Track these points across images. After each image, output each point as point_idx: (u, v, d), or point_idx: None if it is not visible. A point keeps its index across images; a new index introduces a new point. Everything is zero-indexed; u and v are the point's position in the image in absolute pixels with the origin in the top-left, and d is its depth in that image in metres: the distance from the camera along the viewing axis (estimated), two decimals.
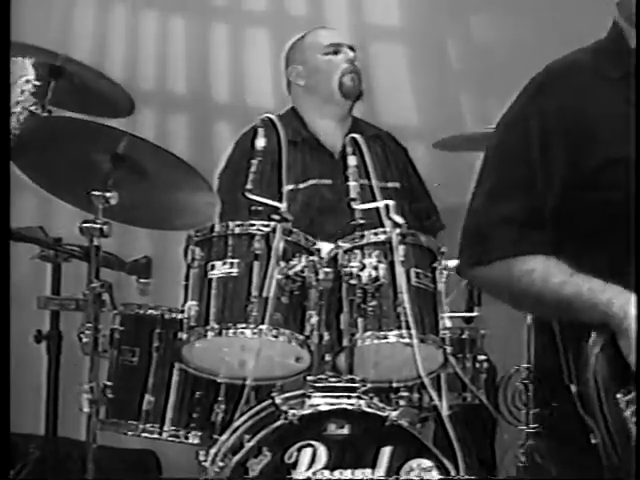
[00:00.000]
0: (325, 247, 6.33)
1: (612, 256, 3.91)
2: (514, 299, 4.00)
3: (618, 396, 3.71)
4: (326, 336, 6.25)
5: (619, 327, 3.75)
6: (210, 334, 6.27)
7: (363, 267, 6.24)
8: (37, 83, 4.62)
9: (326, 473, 5.92)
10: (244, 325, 6.23)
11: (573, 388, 3.81)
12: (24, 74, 4.49)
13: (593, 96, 3.82)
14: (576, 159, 3.78)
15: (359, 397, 6.11)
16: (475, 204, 3.99)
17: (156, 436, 6.57)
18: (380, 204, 6.44)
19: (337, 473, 5.94)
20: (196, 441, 6.48)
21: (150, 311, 6.65)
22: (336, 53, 7.22)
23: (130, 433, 6.62)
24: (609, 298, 3.78)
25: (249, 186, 6.66)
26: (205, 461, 6.20)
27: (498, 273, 3.90)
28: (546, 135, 3.82)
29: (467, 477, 4.97)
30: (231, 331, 6.24)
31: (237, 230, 6.30)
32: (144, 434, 6.58)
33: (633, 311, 3.73)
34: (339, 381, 6.17)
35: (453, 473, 6.02)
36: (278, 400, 6.14)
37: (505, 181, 3.93)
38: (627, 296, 3.78)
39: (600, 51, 3.92)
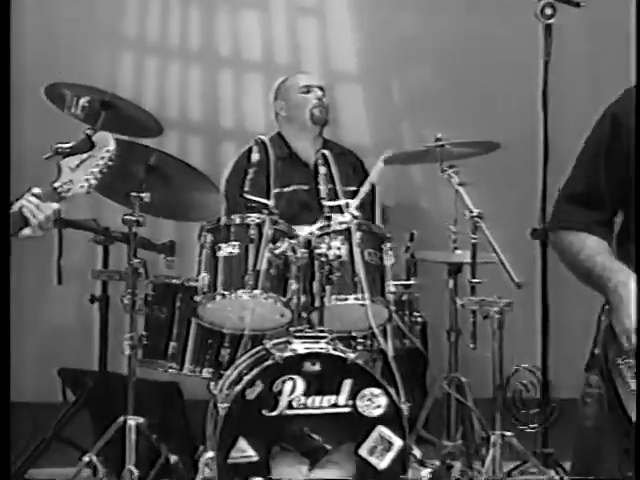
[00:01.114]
0: (302, 233, 6.34)
1: None
2: (565, 263, 3.84)
3: (618, 361, 3.58)
4: (303, 299, 6.29)
5: (614, 306, 3.60)
6: (218, 297, 6.32)
7: (329, 248, 6.27)
8: (115, 153, 4.59)
9: (303, 399, 5.95)
10: (243, 290, 6.27)
11: (596, 350, 3.69)
12: (106, 145, 4.44)
13: None
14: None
15: (327, 343, 6.14)
16: (564, 184, 3.87)
17: (178, 372, 6.63)
18: (342, 202, 6.46)
19: (311, 399, 5.97)
20: (208, 375, 6.50)
21: (174, 280, 6.70)
22: (308, 92, 7.23)
23: (160, 369, 6.65)
24: (611, 275, 3.62)
25: (246, 189, 6.80)
26: (214, 390, 6.25)
27: (561, 240, 3.81)
28: (615, 130, 3.68)
29: None
30: (233, 295, 6.29)
31: (237, 221, 6.34)
32: (170, 370, 6.63)
33: (622, 291, 3.57)
34: (312, 331, 6.21)
35: (395, 398, 6.05)
36: (268, 345, 6.18)
37: (578, 166, 3.81)
38: (628, 277, 3.59)
39: None
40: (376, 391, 6.02)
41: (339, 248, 6.29)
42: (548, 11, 6.64)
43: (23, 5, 4.42)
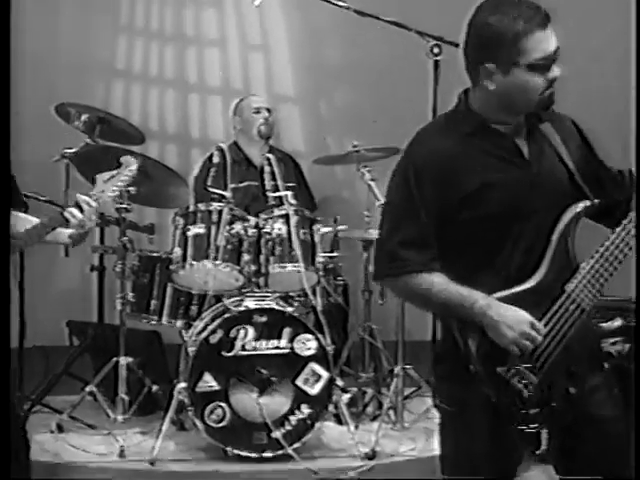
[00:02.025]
0: (252, 218, 6.39)
1: (485, 255, 3.46)
2: (415, 302, 3.61)
3: (499, 370, 3.37)
4: (252, 267, 6.32)
5: (483, 323, 3.33)
6: (188, 266, 6.34)
7: (273, 229, 6.36)
8: (136, 174, 4.63)
9: (253, 343, 6.04)
10: (207, 261, 6.31)
11: (472, 368, 3.37)
12: (130, 166, 4.46)
13: (453, 146, 3.43)
14: (445, 191, 3.39)
15: (271, 300, 6.23)
16: (382, 233, 3.57)
17: (158, 323, 6.71)
18: (283, 194, 6.51)
19: (259, 343, 6.06)
20: (181, 326, 6.57)
21: (154, 253, 6.76)
22: (258, 112, 7.26)
23: (144, 321, 6.71)
24: (473, 301, 3.33)
25: (209, 184, 6.88)
26: (186, 336, 6.36)
27: (406, 284, 3.47)
28: (418, 179, 3.41)
29: None
30: (199, 264, 6.33)
31: (203, 208, 6.36)
32: (152, 322, 6.70)
33: (491, 312, 3.31)
34: (260, 292, 6.30)
35: (323, 342, 6.15)
36: (226, 302, 6.33)
37: (399, 215, 3.50)
38: (487, 299, 3.34)
39: (451, 116, 3.57)
40: (308, 336, 6.13)
41: (280, 229, 6.38)
42: (435, 50, 6.71)
43: (23, 33, 4.35)
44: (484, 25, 3.36)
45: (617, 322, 3.58)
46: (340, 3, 6.78)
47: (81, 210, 4.19)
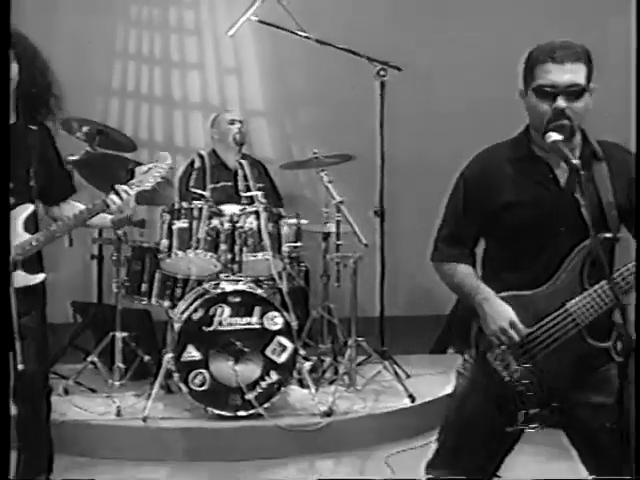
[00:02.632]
0: (228, 213, 6.36)
1: (512, 259, 3.50)
2: (446, 283, 3.62)
3: (488, 355, 3.43)
4: (228, 256, 6.28)
5: (481, 316, 3.43)
6: (173, 255, 6.30)
7: (245, 223, 6.34)
8: (172, 167, 4.58)
9: (229, 319, 6.03)
10: (189, 250, 6.27)
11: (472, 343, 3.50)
12: (166, 161, 4.41)
13: (501, 166, 3.46)
14: (485, 203, 3.47)
15: (244, 284, 6.21)
16: (438, 228, 3.64)
17: (148, 303, 6.70)
18: (254, 194, 6.50)
19: (234, 319, 6.05)
20: (167, 305, 6.56)
21: (145, 244, 6.74)
22: (233, 124, 7.22)
23: (136, 302, 6.71)
24: (477, 293, 3.44)
25: (191, 184, 6.85)
26: (172, 314, 6.38)
27: (441, 269, 3.61)
28: (466, 190, 3.52)
29: None
30: (183, 254, 6.29)
31: (185, 206, 6.32)
32: (143, 302, 6.69)
33: (485, 305, 3.41)
34: (234, 277, 6.25)
35: (288, 318, 6.15)
36: (205, 285, 6.30)
37: (447, 215, 3.62)
38: (488, 294, 3.44)
39: (511, 142, 3.54)
40: (275, 314, 6.12)
41: (251, 223, 6.36)
42: (382, 73, 6.72)
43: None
44: (528, 54, 3.42)
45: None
46: (302, 34, 6.80)
47: (120, 198, 4.15)
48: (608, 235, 3.34)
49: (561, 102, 3.28)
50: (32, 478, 4.51)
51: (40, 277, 4.01)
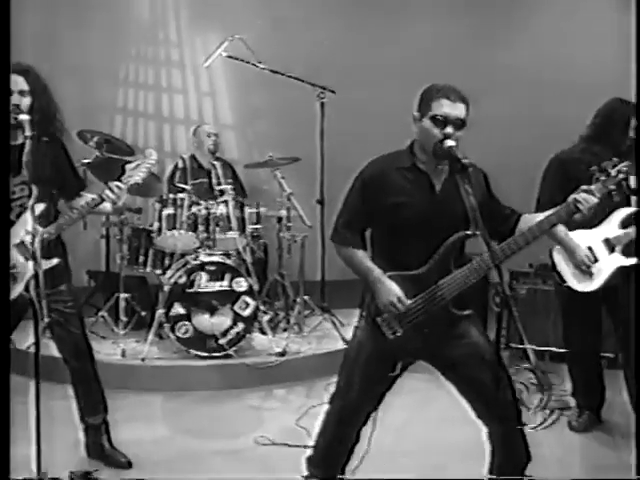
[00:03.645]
0: (203, 202, 6.33)
1: (397, 247, 3.49)
2: (346, 264, 3.56)
3: (377, 319, 3.43)
4: (205, 235, 6.24)
5: (374, 292, 3.42)
6: (163, 235, 6.27)
7: (217, 210, 6.29)
8: (157, 163, 4.42)
9: (206, 283, 6.04)
10: (175, 230, 6.23)
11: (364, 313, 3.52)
12: (152, 157, 4.29)
13: (390, 173, 3.45)
14: (377, 201, 3.43)
15: (217, 256, 6.19)
16: (338, 213, 3.58)
17: (144, 271, 6.66)
18: (224, 187, 6.47)
19: (210, 283, 6.06)
20: (159, 272, 6.51)
21: (141, 226, 6.63)
22: (209, 136, 7.19)
23: (135, 270, 6.64)
24: (371, 273, 3.43)
25: (176, 181, 6.81)
26: (163, 279, 6.31)
27: (340, 249, 3.55)
28: (362, 189, 3.48)
29: None
30: (170, 233, 6.23)
31: (172, 197, 6.28)
32: (140, 270, 6.62)
33: (377, 283, 3.42)
34: (210, 251, 6.24)
35: (251, 282, 6.15)
36: (188, 258, 6.25)
37: (346, 206, 3.55)
38: (379, 274, 3.43)
39: (398, 154, 3.52)
40: (241, 279, 6.12)
41: (222, 209, 6.33)
42: (321, 95, 6.70)
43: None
44: (424, 90, 3.47)
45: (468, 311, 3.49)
46: (260, 65, 6.80)
47: (113, 192, 4.08)
48: (469, 232, 3.40)
49: (449, 129, 3.34)
50: (91, 417, 4.49)
51: (54, 262, 3.93)
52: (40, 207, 3.88)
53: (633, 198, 4.58)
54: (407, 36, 8.88)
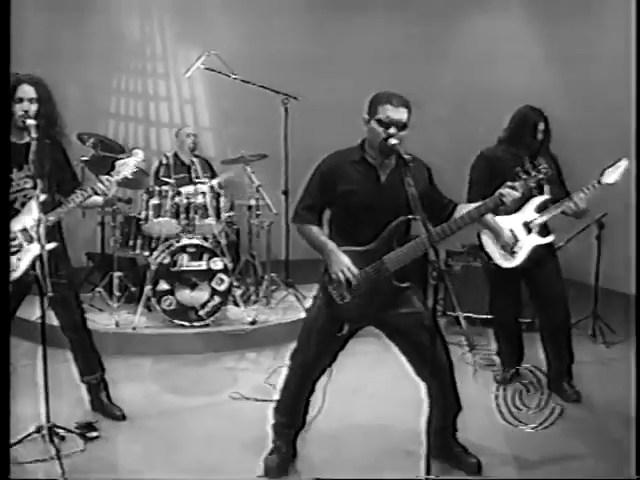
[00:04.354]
0: (184, 193, 6.26)
1: (349, 227, 3.52)
2: (305, 240, 3.57)
3: (329, 287, 3.49)
4: (185, 221, 6.20)
5: (328, 263, 3.46)
6: (150, 221, 6.22)
7: (196, 199, 6.24)
8: (143, 161, 4.37)
9: (187, 263, 5.99)
10: (160, 218, 6.18)
11: (325, 278, 3.52)
12: (139, 155, 4.25)
13: (343, 165, 3.50)
14: (332, 189, 3.47)
15: (197, 239, 6.12)
16: (299, 198, 3.60)
17: (134, 253, 6.55)
18: (202, 181, 6.42)
19: (190, 263, 6.00)
20: (147, 254, 6.39)
21: (131, 214, 6.54)
22: (189, 136, 7.18)
23: (126, 252, 6.56)
24: (325, 247, 3.47)
25: (161, 175, 6.71)
26: (150, 260, 6.16)
27: (300, 228, 3.56)
28: (321, 177, 3.51)
29: None
30: (156, 220, 6.18)
31: (157, 189, 6.24)
32: (130, 253, 6.55)
33: (331, 255, 3.44)
34: (190, 235, 6.16)
35: (225, 262, 6.09)
36: (171, 241, 6.15)
37: (306, 192, 3.55)
38: (333, 248, 3.46)
39: (351, 149, 3.55)
40: (217, 259, 6.07)
41: (201, 199, 6.28)
42: (285, 101, 6.69)
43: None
44: (372, 96, 3.49)
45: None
46: (233, 76, 6.74)
47: (103, 184, 4.04)
48: (411, 217, 3.44)
49: (393, 130, 3.39)
50: (90, 375, 4.53)
51: (51, 245, 3.88)
52: (43, 197, 3.85)
53: (546, 187, 4.68)
54: (362, 47, 8.94)
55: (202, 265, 6.03)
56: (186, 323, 5.97)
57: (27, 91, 3.92)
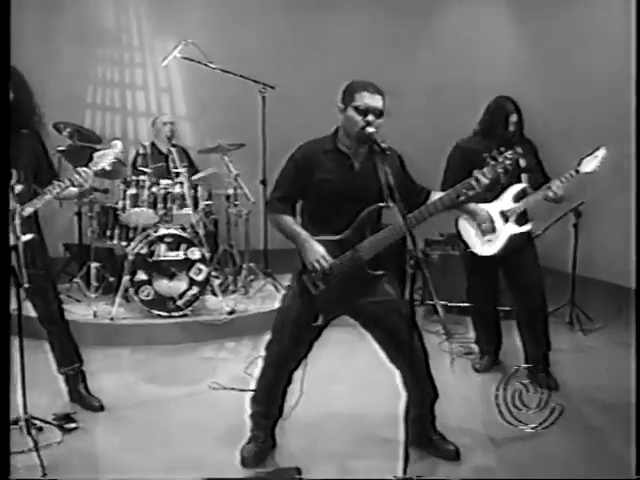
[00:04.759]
0: (163, 184, 6.24)
1: (322, 215, 3.51)
2: (276, 229, 3.56)
3: (303, 276, 3.48)
4: (163, 211, 6.18)
5: (302, 251, 3.44)
6: (127, 211, 6.18)
7: (174, 189, 6.22)
8: (122, 152, 4.34)
9: (165, 253, 5.94)
10: (138, 208, 6.16)
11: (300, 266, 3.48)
12: (118, 147, 4.24)
13: (317, 155, 3.48)
14: (306, 178, 3.45)
15: (174, 229, 6.09)
16: (273, 189, 3.59)
17: (111, 244, 6.47)
18: (180, 170, 6.37)
19: (168, 253, 5.96)
20: (125, 244, 6.32)
21: (108, 204, 6.47)
22: (165, 125, 7.07)
23: (104, 242, 6.50)
24: (299, 236, 3.45)
25: (139, 164, 6.60)
26: (127, 250, 6.11)
27: (274, 218, 3.54)
28: (295, 167, 3.48)
29: None
30: (134, 210, 6.15)
31: (135, 178, 6.21)
32: (108, 243, 6.48)
33: (305, 244, 3.43)
34: (168, 225, 6.13)
35: (203, 251, 6.07)
36: (149, 231, 6.11)
37: (280, 182, 3.54)
38: (306, 237, 3.45)
39: (324, 139, 3.54)
40: (195, 249, 6.03)
41: (178, 189, 6.27)
42: (262, 90, 6.68)
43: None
44: (346, 85, 3.49)
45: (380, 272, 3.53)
46: (211, 65, 6.73)
47: (80, 176, 4.01)
48: (382, 204, 3.45)
49: (370, 117, 3.39)
50: (68, 366, 4.52)
51: (27, 237, 3.84)
52: (19, 188, 3.82)
53: (523, 176, 4.71)
54: (340, 35, 8.99)
55: (180, 255, 5.99)
56: (164, 313, 5.95)
57: None
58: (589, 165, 4.60)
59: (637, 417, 3.96)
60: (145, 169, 6.44)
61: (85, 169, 4.06)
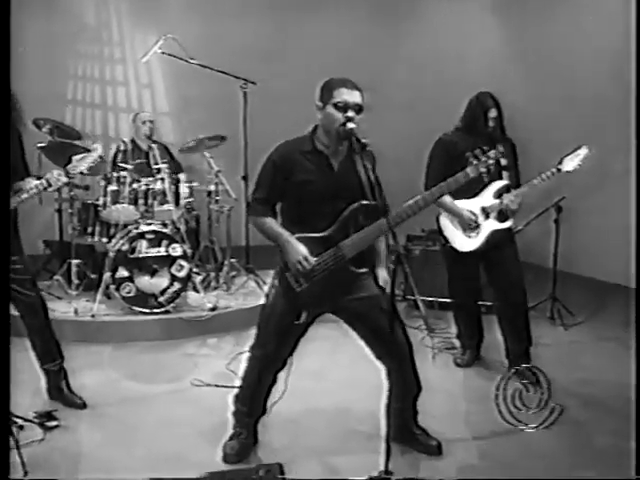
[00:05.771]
0: (144, 180, 6.21)
1: (304, 215, 3.49)
2: (259, 231, 3.53)
3: (286, 274, 3.47)
4: (144, 207, 6.15)
5: (284, 252, 3.44)
6: (108, 208, 6.14)
7: (155, 185, 6.18)
8: (102, 155, 4.38)
9: (146, 249, 5.91)
10: (119, 205, 6.11)
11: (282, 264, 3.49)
12: (97, 151, 4.23)
13: (295, 156, 3.44)
14: (286, 179, 3.43)
15: (155, 225, 6.05)
16: (252, 190, 3.57)
17: (92, 240, 6.40)
18: (161, 166, 6.31)
19: (149, 249, 5.93)
20: (105, 241, 6.30)
21: (89, 201, 6.38)
22: (144, 123, 7.02)
23: (85, 239, 6.44)
24: (280, 236, 3.44)
25: (119, 161, 6.50)
26: (109, 247, 6.11)
27: (255, 220, 3.52)
28: (273, 168, 3.45)
29: None
30: (115, 207, 6.11)
31: (115, 175, 6.15)
32: (89, 240, 6.41)
33: (287, 244, 3.42)
34: (149, 221, 6.08)
35: (184, 248, 6.05)
36: (130, 228, 6.07)
37: (259, 184, 3.50)
38: (288, 237, 3.44)
39: (301, 139, 3.51)
40: (177, 245, 6.01)
41: (160, 185, 6.22)
42: (244, 86, 6.63)
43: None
44: (324, 83, 3.48)
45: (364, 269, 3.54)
46: (191, 61, 6.69)
47: (54, 178, 4.03)
48: (365, 202, 3.42)
49: (350, 113, 3.37)
50: (49, 363, 4.50)
51: None
52: None
53: (505, 173, 4.74)
54: (323, 32, 8.98)
55: (161, 251, 5.97)
56: (146, 310, 5.93)
57: None
58: (570, 164, 4.63)
59: (637, 416, 3.98)
60: (126, 165, 6.38)
61: (60, 173, 4.10)
